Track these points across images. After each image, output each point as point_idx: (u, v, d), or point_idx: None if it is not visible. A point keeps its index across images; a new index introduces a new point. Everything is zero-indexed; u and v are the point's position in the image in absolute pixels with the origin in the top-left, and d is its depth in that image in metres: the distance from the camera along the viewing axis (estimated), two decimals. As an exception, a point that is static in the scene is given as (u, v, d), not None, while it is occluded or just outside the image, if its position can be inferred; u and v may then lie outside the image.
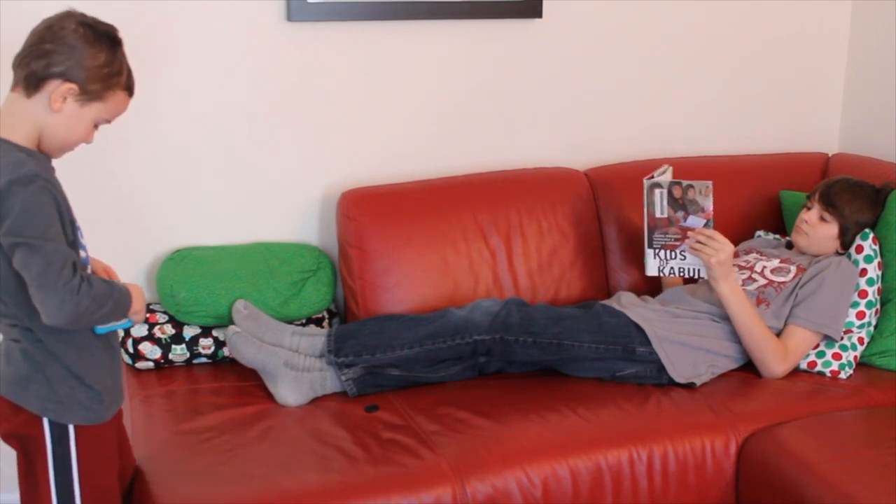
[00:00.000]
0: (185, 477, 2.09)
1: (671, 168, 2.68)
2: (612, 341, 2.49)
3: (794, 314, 2.57)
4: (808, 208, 2.72)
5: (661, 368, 2.50)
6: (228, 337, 2.52)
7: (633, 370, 2.51)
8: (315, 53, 2.80)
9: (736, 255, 2.83)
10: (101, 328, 1.90)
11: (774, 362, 2.52)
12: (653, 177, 2.61)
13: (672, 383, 2.51)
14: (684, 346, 2.52)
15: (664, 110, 3.19)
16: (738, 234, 2.99)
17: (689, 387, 2.50)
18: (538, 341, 2.47)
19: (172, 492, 2.04)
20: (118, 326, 1.94)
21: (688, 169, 3.03)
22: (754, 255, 2.78)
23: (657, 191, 2.57)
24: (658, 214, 2.59)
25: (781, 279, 2.63)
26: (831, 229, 2.67)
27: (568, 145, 3.09)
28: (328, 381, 2.46)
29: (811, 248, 2.70)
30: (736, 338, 2.55)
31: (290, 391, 2.43)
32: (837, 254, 2.70)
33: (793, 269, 2.66)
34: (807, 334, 2.55)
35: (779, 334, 2.57)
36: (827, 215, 2.67)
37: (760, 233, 2.98)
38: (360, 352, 2.45)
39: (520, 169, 2.97)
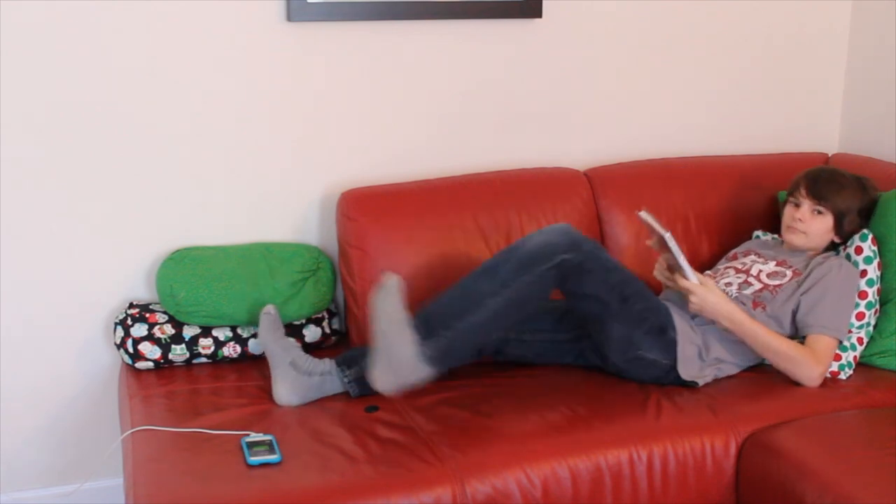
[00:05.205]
0: (185, 477, 2.09)
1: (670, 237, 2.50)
2: (655, 314, 2.48)
3: (809, 324, 2.54)
4: (796, 205, 2.71)
5: (673, 367, 2.50)
6: (261, 313, 2.55)
7: (654, 356, 2.49)
8: (315, 53, 2.80)
9: (735, 257, 2.83)
10: (254, 460, 2.12)
11: (807, 368, 2.49)
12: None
13: (673, 383, 2.51)
14: (697, 349, 2.52)
15: (664, 110, 3.19)
16: (737, 233, 2.99)
17: (691, 386, 2.50)
18: (608, 280, 2.43)
19: (172, 492, 2.04)
20: (268, 461, 2.13)
21: (688, 169, 3.05)
22: (752, 256, 2.78)
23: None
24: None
25: (777, 283, 2.63)
26: (826, 221, 2.67)
27: (568, 145, 3.09)
28: (327, 384, 2.47)
29: (809, 243, 2.70)
30: (743, 345, 2.54)
31: (286, 391, 2.44)
32: (833, 246, 2.71)
33: (788, 272, 2.65)
34: (830, 341, 2.53)
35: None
36: (820, 208, 2.67)
37: (759, 233, 2.97)
38: (364, 353, 2.47)
39: (520, 169, 2.97)
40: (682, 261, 2.45)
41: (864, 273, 2.64)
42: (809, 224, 2.68)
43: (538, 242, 2.38)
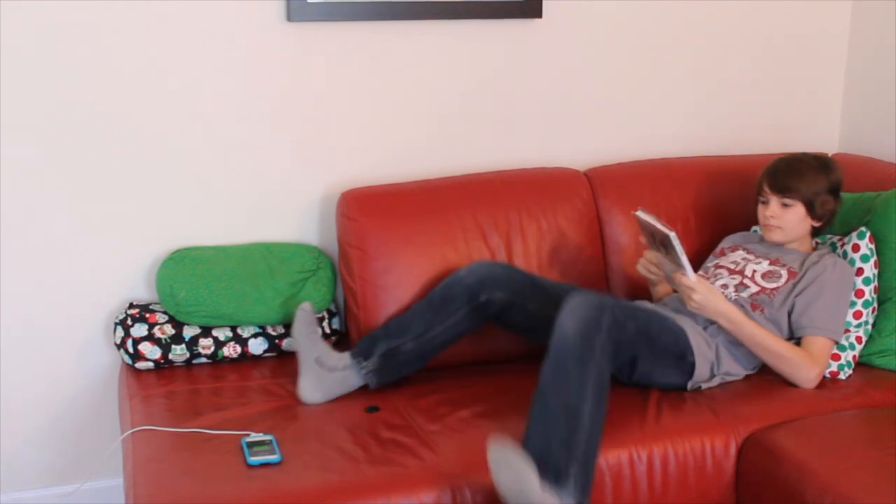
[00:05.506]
0: (185, 477, 2.09)
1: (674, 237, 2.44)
2: (675, 344, 2.47)
3: (803, 325, 2.54)
4: (764, 203, 2.67)
5: (685, 382, 2.50)
6: (297, 309, 2.56)
7: (671, 380, 2.48)
8: (315, 54, 2.80)
9: (722, 252, 2.81)
10: (254, 460, 2.12)
11: (804, 370, 2.48)
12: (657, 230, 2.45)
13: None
14: (711, 365, 2.52)
15: (664, 110, 3.19)
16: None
17: (695, 389, 2.50)
18: (637, 327, 2.38)
19: (172, 492, 2.04)
20: (268, 461, 2.13)
21: (688, 169, 3.04)
22: (741, 253, 2.75)
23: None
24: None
25: (773, 285, 2.61)
26: (798, 211, 2.63)
27: (568, 145, 3.09)
28: (349, 379, 2.48)
29: (788, 236, 2.67)
30: (749, 355, 2.54)
31: (310, 387, 2.45)
32: (815, 232, 2.69)
33: (783, 273, 2.63)
34: (826, 342, 2.53)
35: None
36: (787, 200, 2.63)
37: (756, 228, 2.95)
38: (377, 338, 2.51)
39: (520, 169, 2.97)
40: (685, 260, 2.43)
41: (860, 271, 2.63)
42: (782, 219, 2.65)
43: (576, 322, 2.23)
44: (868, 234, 2.67)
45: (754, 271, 2.66)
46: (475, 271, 2.57)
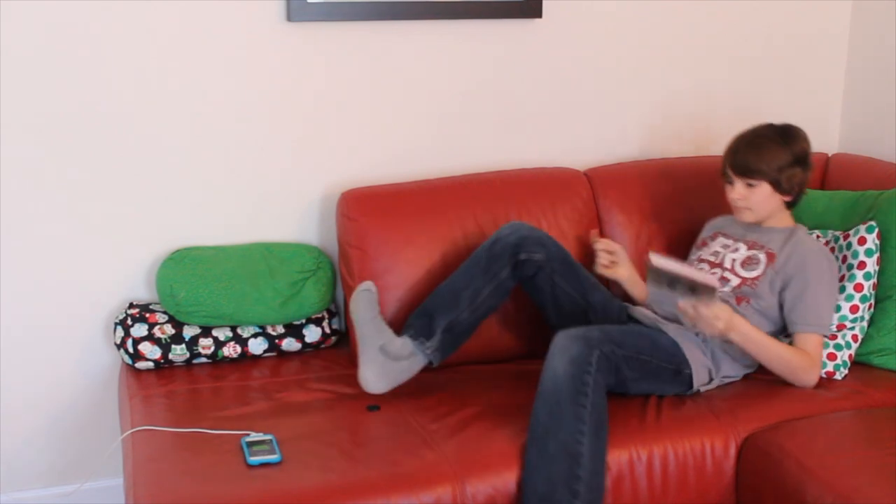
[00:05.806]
0: (185, 477, 2.10)
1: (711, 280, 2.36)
2: (668, 361, 2.44)
3: (793, 321, 2.52)
4: (730, 184, 2.62)
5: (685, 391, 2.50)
6: (359, 289, 2.51)
7: (671, 392, 2.47)
8: (315, 54, 2.80)
9: (703, 244, 2.77)
10: (254, 460, 2.12)
11: (805, 373, 2.48)
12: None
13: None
14: (709, 371, 2.51)
15: (664, 110, 3.19)
16: (738, 234, 2.99)
17: (693, 393, 2.51)
18: (628, 363, 2.36)
19: (172, 492, 2.04)
20: (268, 461, 2.12)
21: (688, 169, 3.04)
22: (720, 240, 2.71)
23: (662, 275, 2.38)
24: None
25: (754, 274, 2.57)
26: (763, 189, 2.57)
27: (568, 145, 3.09)
28: (414, 365, 2.45)
29: (759, 215, 2.62)
30: (748, 357, 2.52)
31: (375, 376, 2.41)
32: (788, 206, 2.64)
33: (762, 257, 2.59)
34: (818, 338, 2.52)
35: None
36: (751, 181, 2.57)
37: None
38: (430, 313, 2.49)
39: (520, 169, 2.97)
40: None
41: (862, 265, 2.62)
42: (749, 199, 2.59)
43: (565, 362, 2.23)
44: (877, 230, 2.65)
45: (733, 260, 2.63)
46: (516, 230, 2.54)
